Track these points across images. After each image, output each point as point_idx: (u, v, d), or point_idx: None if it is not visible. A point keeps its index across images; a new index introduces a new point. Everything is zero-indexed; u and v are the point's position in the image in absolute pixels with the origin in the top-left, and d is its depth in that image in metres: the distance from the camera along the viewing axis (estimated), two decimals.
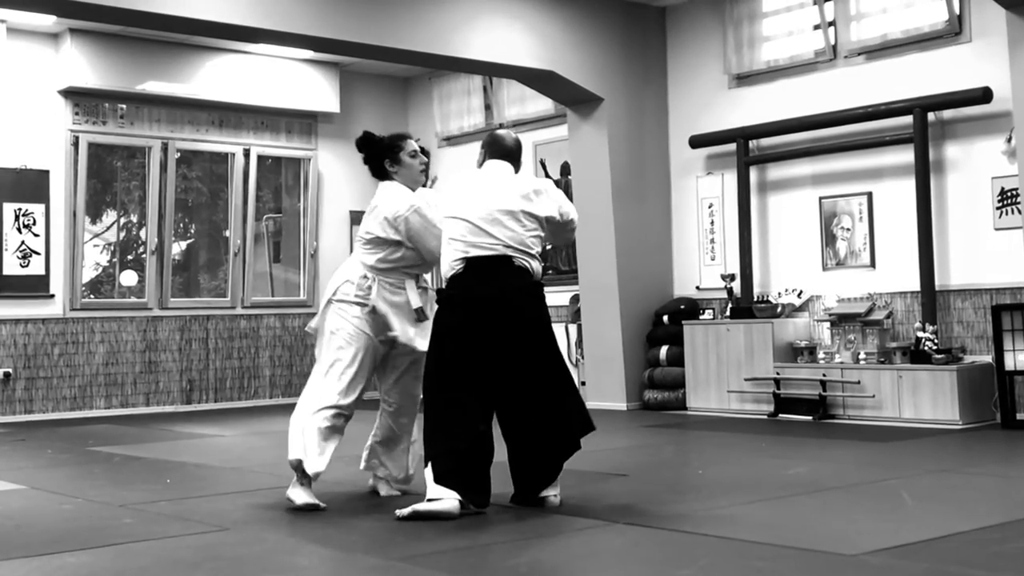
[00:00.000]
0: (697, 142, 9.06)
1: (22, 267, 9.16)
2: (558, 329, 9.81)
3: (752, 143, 8.78)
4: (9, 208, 9.17)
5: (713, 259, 9.07)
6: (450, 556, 3.64)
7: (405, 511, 4.19)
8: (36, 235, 9.27)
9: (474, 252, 4.39)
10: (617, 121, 9.10)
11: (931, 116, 7.73)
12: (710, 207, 9.12)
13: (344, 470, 5.20)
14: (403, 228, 4.56)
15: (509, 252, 4.40)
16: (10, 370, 9.14)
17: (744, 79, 8.95)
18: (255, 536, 4.04)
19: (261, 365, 10.49)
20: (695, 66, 9.26)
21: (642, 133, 9.28)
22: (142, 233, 10.30)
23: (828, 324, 8.12)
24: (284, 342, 10.68)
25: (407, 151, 4.78)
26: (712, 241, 9.10)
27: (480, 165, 4.67)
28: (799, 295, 8.40)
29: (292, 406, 4.80)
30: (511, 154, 4.65)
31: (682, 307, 8.96)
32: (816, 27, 8.45)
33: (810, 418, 7.80)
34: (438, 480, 4.22)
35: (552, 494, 4.46)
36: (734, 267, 8.78)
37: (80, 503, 4.81)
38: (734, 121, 8.86)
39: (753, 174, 8.80)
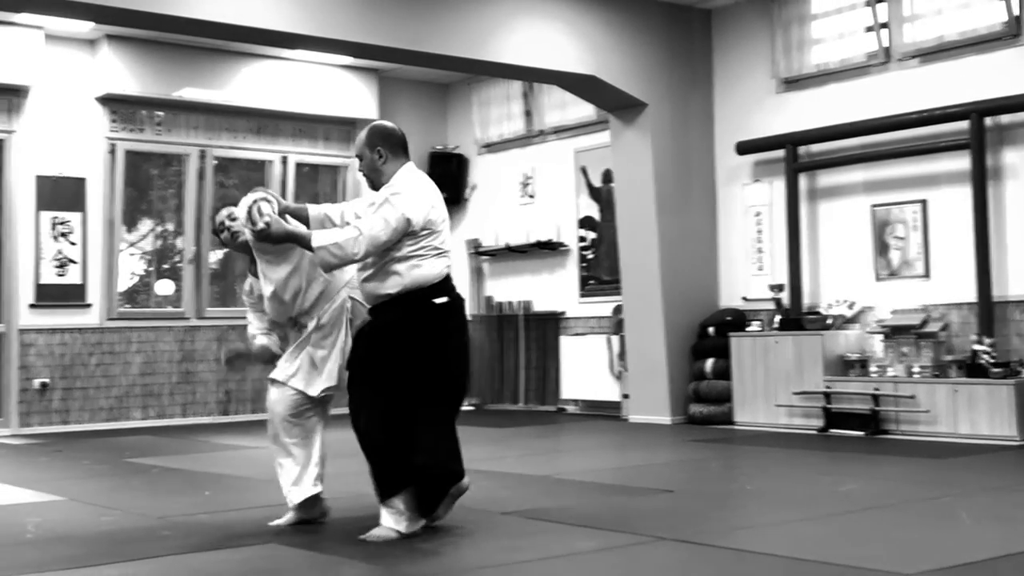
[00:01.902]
0: (744, 148, 9.05)
1: (59, 276, 9.31)
2: (601, 340, 9.85)
3: (801, 149, 8.75)
4: (46, 216, 9.34)
5: (760, 269, 9.04)
6: (490, 572, 3.67)
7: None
8: (73, 244, 9.42)
9: (450, 262, 4.44)
10: (661, 127, 9.11)
11: (988, 121, 7.68)
12: (757, 215, 9.10)
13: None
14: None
15: None
16: (47, 380, 9.29)
17: (793, 83, 8.93)
18: (295, 550, 4.09)
19: None
20: (742, 70, 9.25)
21: (687, 139, 9.28)
22: (178, 242, 10.43)
23: (881, 336, 8.06)
24: None
25: (217, 225, 4.76)
26: (759, 250, 9.07)
27: (391, 161, 4.35)
28: (850, 306, 8.36)
29: (332, 417, 4.84)
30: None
31: (728, 319, 8.94)
32: (868, 29, 8.42)
33: (862, 433, 7.75)
34: (433, 498, 4.30)
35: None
36: (782, 277, 8.75)
37: (119, 515, 4.89)
38: (782, 126, 8.84)
39: (802, 181, 8.77)
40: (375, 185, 4.37)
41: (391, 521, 4.21)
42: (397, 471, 4.21)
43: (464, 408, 10.69)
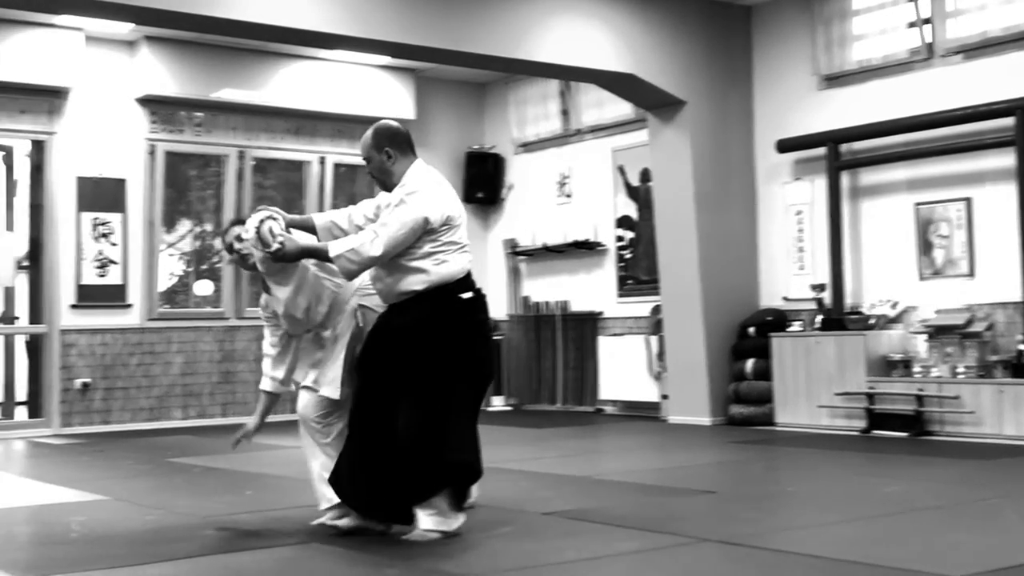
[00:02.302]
0: (785, 146, 9.01)
1: (99, 276, 9.43)
2: (639, 340, 9.84)
3: (843, 147, 8.71)
4: (87, 217, 9.46)
5: (802, 268, 9.00)
6: (533, 572, 3.69)
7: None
8: (114, 244, 9.54)
9: (471, 257, 4.45)
10: (700, 125, 9.09)
11: None
12: (798, 214, 9.06)
13: None
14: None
15: None
16: (88, 380, 9.41)
17: (834, 80, 8.88)
18: (335, 549, 4.13)
19: None
20: (782, 67, 9.21)
21: (726, 137, 9.26)
22: (217, 242, 10.53)
23: (924, 336, 8.01)
24: None
25: (227, 244, 4.71)
26: (800, 250, 9.03)
27: (399, 160, 4.34)
28: (893, 306, 8.30)
29: None
30: None
31: (769, 318, 8.91)
32: (911, 25, 8.36)
33: (905, 434, 7.70)
34: (464, 493, 4.33)
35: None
36: (824, 277, 8.71)
37: (162, 514, 4.95)
38: (824, 124, 8.79)
39: (844, 179, 8.72)
40: (386, 186, 4.37)
41: (432, 522, 4.22)
42: (436, 471, 4.22)
43: (501, 408, 10.79)
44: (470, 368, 4.30)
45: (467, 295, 4.31)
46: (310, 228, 4.49)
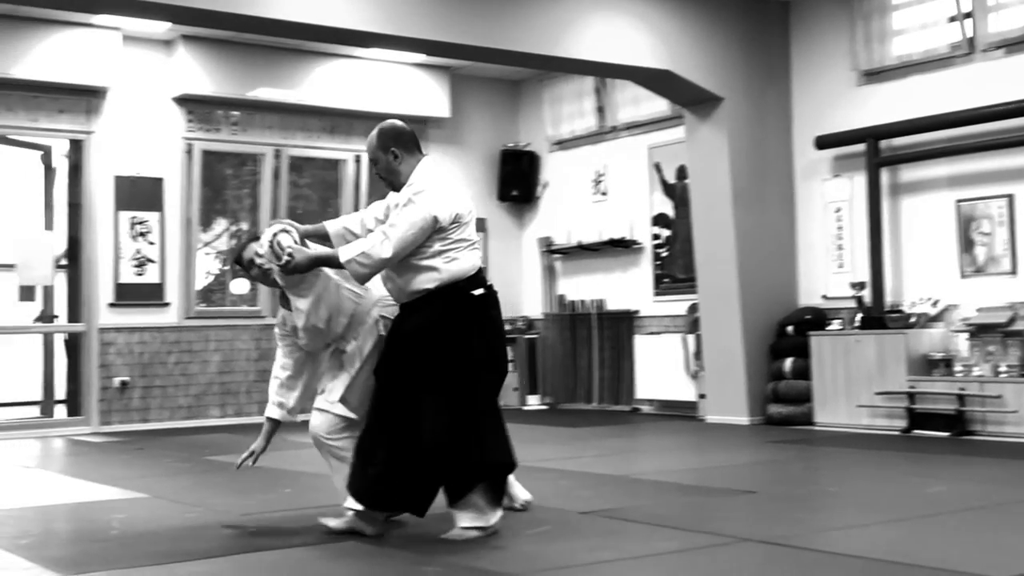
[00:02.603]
0: (823, 143, 8.95)
1: (137, 275, 9.52)
2: (676, 339, 9.81)
3: (883, 143, 8.64)
4: (125, 216, 9.55)
5: (841, 266, 8.94)
6: (573, 572, 3.69)
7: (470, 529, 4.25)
8: (151, 243, 9.63)
9: (480, 253, 4.45)
10: (738, 122, 9.04)
11: None
12: (837, 211, 9.00)
13: None
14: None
15: None
16: (127, 379, 9.50)
17: (874, 75, 8.82)
18: (374, 548, 4.15)
19: None
20: (821, 62, 9.15)
21: (764, 134, 9.21)
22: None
23: (966, 335, 7.93)
24: None
25: (245, 262, 4.69)
26: (840, 247, 8.97)
27: (406, 160, 4.35)
28: (934, 304, 8.23)
29: None
30: None
31: (808, 317, 8.86)
32: (951, 19, 8.28)
33: (947, 434, 7.63)
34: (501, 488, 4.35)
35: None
36: (864, 275, 8.65)
37: (202, 512, 4.99)
38: (863, 120, 8.73)
39: (884, 176, 8.65)
40: (394, 186, 4.38)
41: (470, 519, 4.23)
42: (471, 471, 4.23)
43: (537, 407, 10.79)
44: (487, 364, 4.31)
45: (479, 292, 4.31)
46: (324, 236, 4.51)
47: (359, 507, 4.31)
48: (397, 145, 4.36)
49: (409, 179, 4.31)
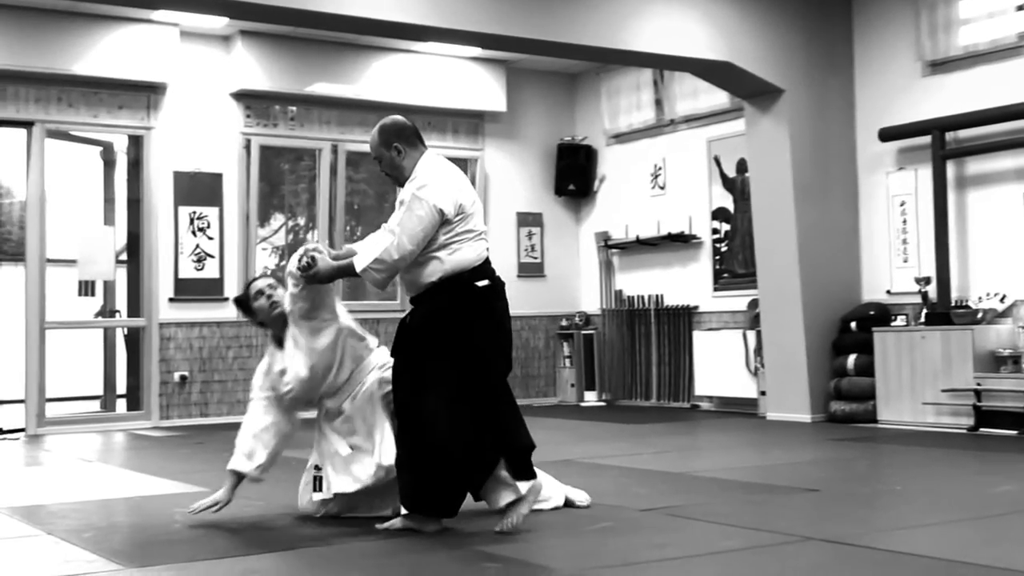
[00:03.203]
0: (887, 135, 8.84)
1: (197, 270, 9.65)
2: (736, 335, 9.75)
3: (949, 135, 8.51)
4: (184, 212, 9.69)
5: (905, 261, 8.83)
6: (636, 569, 3.69)
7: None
8: (210, 238, 9.76)
9: (487, 244, 4.45)
10: (799, 114, 8.96)
11: None
12: (902, 205, 8.89)
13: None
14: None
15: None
16: (186, 373, 9.64)
17: (939, 66, 8.69)
18: (433, 542, 4.17)
19: None
20: (884, 53, 9.04)
21: (826, 126, 9.12)
22: (310, 236, 10.69)
23: None
24: None
25: (252, 295, 4.70)
26: (904, 242, 8.86)
27: (409, 154, 4.40)
28: (1002, 300, 8.10)
29: None
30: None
31: (871, 313, 8.76)
32: (1019, 8, 8.14)
33: (1015, 432, 7.51)
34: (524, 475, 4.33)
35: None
36: (929, 270, 8.54)
37: (263, 506, 5.05)
38: (928, 112, 8.61)
39: (950, 169, 8.53)
40: (399, 181, 4.42)
41: (504, 499, 4.26)
42: (484, 460, 4.25)
43: (595, 404, 10.78)
44: (491, 352, 4.32)
45: (483, 283, 4.32)
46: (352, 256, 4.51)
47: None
48: (400, 140, 4.40)
49: (412, 173, 4.34)
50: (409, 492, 4.31)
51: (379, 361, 4.67)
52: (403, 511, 4.36)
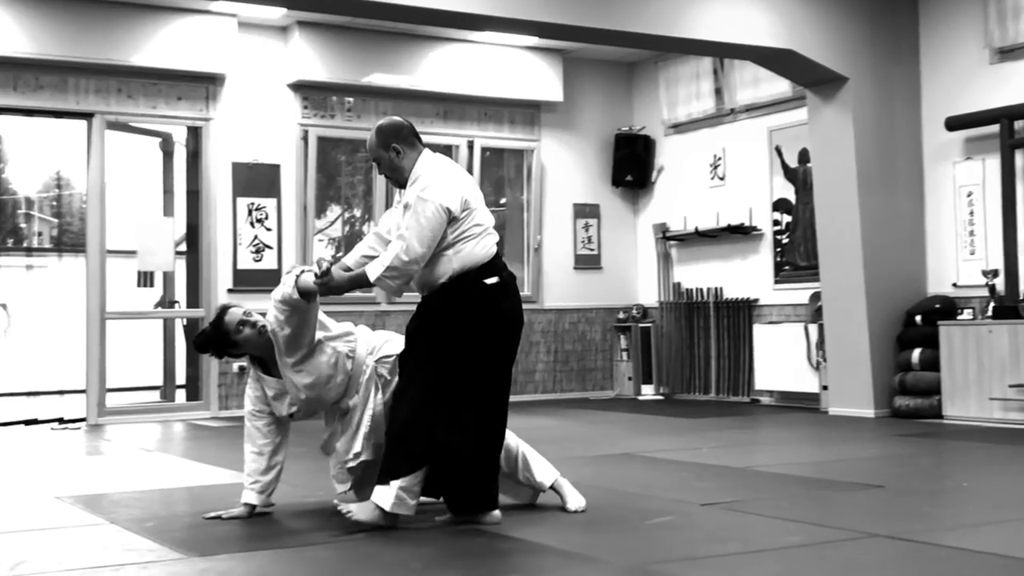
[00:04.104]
0: (954, 124, 8.72)
1: (255, 261, 9.76)
2: (798, 328, 9.67)
3: (1018, 124, 8.37)
4: (242, 203, 9.81)
5: (972, 253, 8.71)
6: (698, 564, 3.69)
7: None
8: (268, 229, 9.87)
9: (496, 235, 4.43)
10: (863, 102, 8.86)
11: None
12: (969, 196, 8.77)
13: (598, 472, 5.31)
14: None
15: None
16: (245, 364, 9.72)
17: (1008, 53, 8.55)
18: (489, 534, 4.20)
19: None
20: (951, 40, 8.91)
21: (891, 115, 9.01)
22: (365, 228, 10.77)
23: None
24: None
25: (233, 330, 4.61)
26: (971, 233, 8.74)
27: (408, 155, 4.39)
28: None
29: (517, 404, 4.94)
30: None
31: (937, 306, 8.65)
32: None
33: None
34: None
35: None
36: (997, 262, 8.41)
37: (323, 495, 5.10)
38: (997, 100, 8.48)
39: (1019, 158, 8.39)
40: (399, 183, 4.43)
41: (387, 499, 4.24)
42: (418, 451, 4.25)
43: (652, 397, 10.76)
44: (489, 355, 4.30)
45: (492, 280, 4.31)
46: (347, 271, 4.53)
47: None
48: (398, 141, 4.40)
49: (413, 174, 4.35)
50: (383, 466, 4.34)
51: (368, 346, 4.66)
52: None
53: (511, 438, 4.66)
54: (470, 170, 10.81)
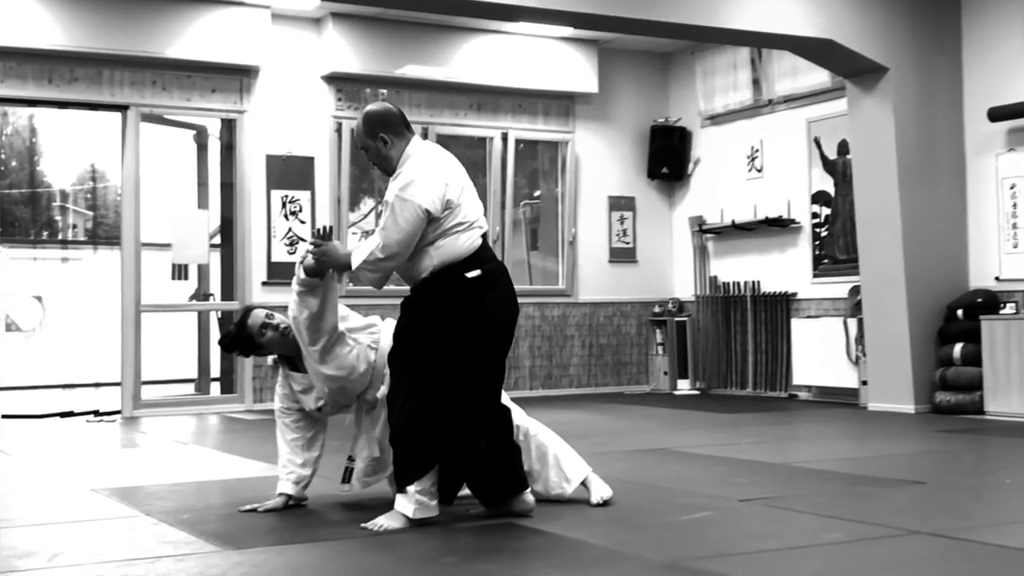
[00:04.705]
0: (997, 115, 8.62)
1: (289, 254, 9.80)
2: (837, 323, 9.60)
3: None
4: (276, 195, 9.85)
5: (1015, 246, 8.62)
6: (738, 560, 3.68)
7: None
8: (302, 222, 9.91)
9: (485, 226, 4.39)
10: (904, 93, 8.79)
11: None
12: (1012, 188, 8.67)
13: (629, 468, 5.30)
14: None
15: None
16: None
17: None
18: (530, 527, 4.20)
19: (521, 355, 10.79)
20: (994, 29, 8.80)
21: (933, 106, 8.92)
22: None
23: None
24: (543, 332, 10.94)
25: (256, 332, 4.70)
26: (1014, 226, 8.64)
27: (396, 144, 4.33)
28: None
29: (552, 399, 4.94)
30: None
31: (979, 300, 8.56)
32: None
33: None
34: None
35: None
36: None
37: (357, 488, 5.11)
38: None
39: None
40: (387, 172, 4.39)
41: (409, 506, 4.24)
42: (422, 455, 4.23)
43: (689, 392, 10.73)
44: (470, 349, 4.26)
45: (473, 274, 4.26)
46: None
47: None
48: (385, 130, 4.36)
49: (399, 164, 4.31)
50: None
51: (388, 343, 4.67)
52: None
53: (544, 435, 4.66)
54: (505, 162, 10.81)
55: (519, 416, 4.66)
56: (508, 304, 4.39)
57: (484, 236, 4.38)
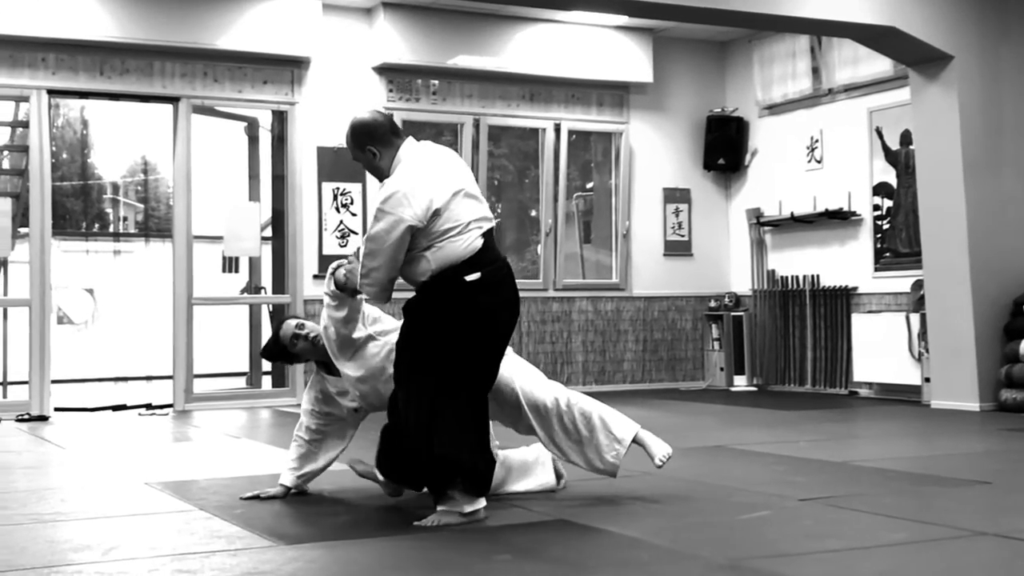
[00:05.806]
0: None
1: (340, 247, 9.86)
2: (899, 318, 9.50)
3: None
4: (328, 188, 9.92)
5: None
6: (799, 560, 3.65)
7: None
8: (354, 215, 9.98)
9: (487, 225, 4.35)
10: (969, 82, 8.66)
11: None
12: None
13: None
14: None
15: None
16: None
17: None
18: (580, 526, 4.20)
19: (574, 350, 10.79)
20: None
21: (999, 95, 8.79)
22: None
23: None
24: (596, 327, 10.93)
25: (289, 344, 4.89)
26: None
27: (385, 154, 4.37)
28: None
29: (605, 394, 4.93)
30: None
31: None
32: None
33: None
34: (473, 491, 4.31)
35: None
36: None
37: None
38: None
39: None
40: (381, 180, 4.40)
41: (445, 506, 4.30)
42: (430, 465, 4.26)
43: (746, 388, 10.67)
44: (470, 354, 4.26)
45: (473, 277, 4.23)
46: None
47: None
48: (372, 142, 4.39)
49: (391, 170, 4.34)
50: (378, 460, 4.47)
51: None
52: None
53: (585, 401, 4.67)
54: (557, 154, 10.80)
55: (556, 389, 4.69)
56: (509, 307, 4.40)
57: (489, 232, 4.36)
